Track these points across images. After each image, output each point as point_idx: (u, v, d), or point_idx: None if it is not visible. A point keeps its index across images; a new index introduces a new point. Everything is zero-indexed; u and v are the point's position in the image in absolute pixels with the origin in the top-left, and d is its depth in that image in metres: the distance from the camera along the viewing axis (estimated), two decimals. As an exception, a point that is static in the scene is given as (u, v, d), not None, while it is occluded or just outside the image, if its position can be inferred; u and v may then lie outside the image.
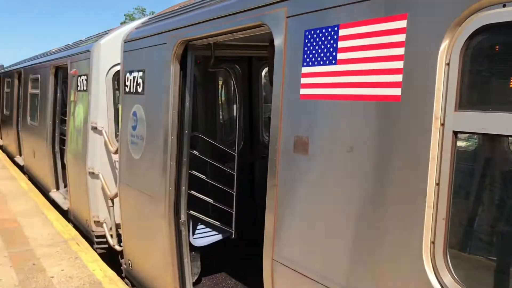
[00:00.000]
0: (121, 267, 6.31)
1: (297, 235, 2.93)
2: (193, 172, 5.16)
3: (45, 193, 10.70)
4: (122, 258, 6.33)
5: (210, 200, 5.42)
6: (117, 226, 6.80)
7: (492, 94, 2.12)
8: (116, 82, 7.09)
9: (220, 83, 7.13)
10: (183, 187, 4.63)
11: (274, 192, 3.08)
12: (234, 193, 5.37)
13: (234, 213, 5.34)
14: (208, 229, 5.57)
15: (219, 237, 5.42)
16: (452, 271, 2.05)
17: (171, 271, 4.75)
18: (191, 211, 4.99)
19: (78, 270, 6.27)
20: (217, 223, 5.41)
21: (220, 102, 7.07)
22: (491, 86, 2.13)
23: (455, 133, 2.05)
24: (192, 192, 5.07)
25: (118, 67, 6.68)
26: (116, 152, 6.48)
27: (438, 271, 2.07)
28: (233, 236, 5.38)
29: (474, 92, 2.08)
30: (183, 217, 4.66)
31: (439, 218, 2.08)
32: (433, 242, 2.10)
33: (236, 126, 6.38)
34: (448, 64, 2.05)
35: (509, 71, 2.01)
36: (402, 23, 2.23)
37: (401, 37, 2.24)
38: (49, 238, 7.65)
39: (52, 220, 8.65)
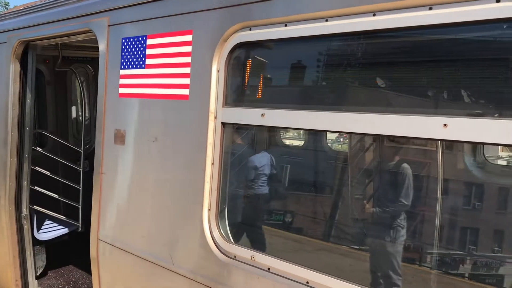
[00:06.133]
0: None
1: (116, 216, 3.37)
2: (37, 168, 5.26)
3: None
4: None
5: (55, 195, 5.56)
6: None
7: (246, 95, 2.79)
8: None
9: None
10: (25, 183, 4.74)
11: (99, 179, 3.48)
12: (81, 189, 5.58)
13: (80, 207, 5.54)
14: (54, 224, 5.66)
15: (65, 230, 5.56)
16: (221, 229, 2.68)
17: (12, 266, 4.84)
18: (34, 206, 5.08)
19: None
20: (63, 217, 5.56)
21: (72, 102, 7.11)
22: (245, 89, 2.80)
23: (223, 124, 2.66)
24: (36, 187, 5.19)
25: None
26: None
27: (211, 229, 2.68)
28: (80, 229, 5.55)
29: (234, 93, 2.73)
30: (24, 211, 4.75)
31: (213, 190, 2.68)
32: (209, 209, 2.70)
33: (87, 125, 6.55)
34: (218, 71, 2.67)
35: (257, 78, 2.69)
36: (189, 37, 2.81)
37: (189, 48, 2.81)
38: None
39: None
